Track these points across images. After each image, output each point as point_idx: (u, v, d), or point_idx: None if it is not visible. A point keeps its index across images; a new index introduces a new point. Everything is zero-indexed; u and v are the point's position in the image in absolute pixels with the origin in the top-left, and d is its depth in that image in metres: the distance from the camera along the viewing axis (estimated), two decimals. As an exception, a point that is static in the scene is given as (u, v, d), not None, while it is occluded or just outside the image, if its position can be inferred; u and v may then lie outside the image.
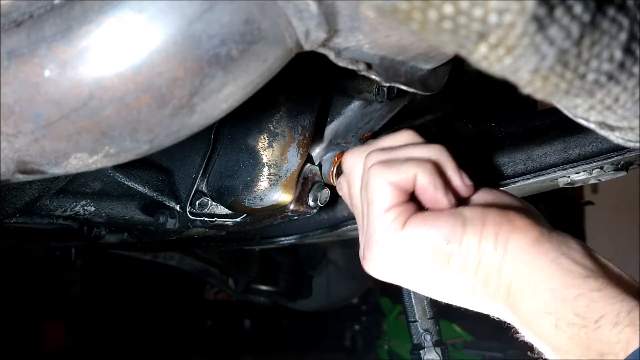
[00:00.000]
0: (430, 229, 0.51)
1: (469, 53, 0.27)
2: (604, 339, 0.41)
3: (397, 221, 0.52)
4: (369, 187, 0.54)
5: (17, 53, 0.37)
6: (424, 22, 0.25)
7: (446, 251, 0.50)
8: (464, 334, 2.90)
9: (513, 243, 0.48)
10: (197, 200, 0.78)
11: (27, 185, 0.68)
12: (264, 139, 0.72)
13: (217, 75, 0.39)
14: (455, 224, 0.50)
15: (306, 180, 0.78)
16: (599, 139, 0.74)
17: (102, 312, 3.61)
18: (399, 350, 3.05)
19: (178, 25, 0.36)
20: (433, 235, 0.50)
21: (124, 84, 0.37)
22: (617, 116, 0.32)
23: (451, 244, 0.50)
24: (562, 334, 0.44)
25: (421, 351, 0.82)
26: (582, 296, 0.43)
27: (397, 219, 0.52)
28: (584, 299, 0.43)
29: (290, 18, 0.38)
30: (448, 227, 0.50)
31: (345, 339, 3.41)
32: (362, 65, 0.47)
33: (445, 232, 0.50)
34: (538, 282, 0.46)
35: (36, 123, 0.39)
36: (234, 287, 1.87)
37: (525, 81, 0.29)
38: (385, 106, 0.79)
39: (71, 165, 0.42)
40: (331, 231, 1.04)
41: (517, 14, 0.24)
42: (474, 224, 0.50)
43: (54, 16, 0.37)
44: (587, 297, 0.43)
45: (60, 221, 0.81)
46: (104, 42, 0.36)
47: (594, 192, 3.35)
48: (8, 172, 0.43)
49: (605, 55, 0.27)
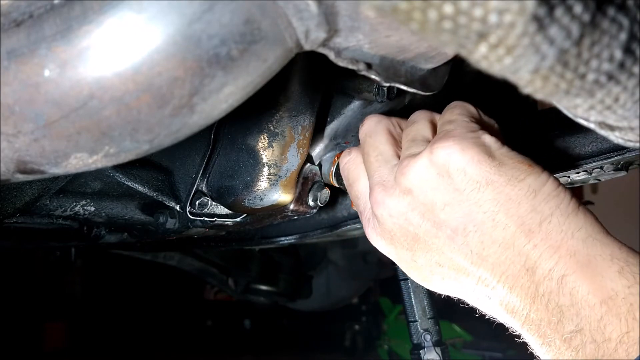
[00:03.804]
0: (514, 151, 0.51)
1: (469, 53, 0.27)
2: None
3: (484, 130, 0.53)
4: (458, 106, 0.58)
5: (17, 53, 0.37)
6: (424, 22, 0.25)
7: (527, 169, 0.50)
8: (463, 333, 2.90)
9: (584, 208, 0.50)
10: (197, 200, 0.78)
11: (27, 185, 0.67)
12: (264, 138, 0.72)
13: (217, 75, 0.39)
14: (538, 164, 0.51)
15: (306, 180, 0.78)
16: (598, 139, 0.74)
17: (102, 312, 3.61)
18: (399, 350, 3.05)
19: (178, 25, 0.36)
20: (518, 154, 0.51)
21: (124, 84, 0.37)
22: (617, 116, 0.32)
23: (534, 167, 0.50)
24: (622, 281, 0.44)
25: (421, 351, 0.82)
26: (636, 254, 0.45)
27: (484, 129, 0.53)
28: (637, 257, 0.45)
29: (291, 18, 0.38)
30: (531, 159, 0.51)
31: (345, 339, 3.41)
32: (362, 65, 0.46)
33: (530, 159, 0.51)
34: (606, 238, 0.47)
35: (36, 123, 0.39)
36: (233, 287, 1.88)
37: (525, 81, 0.29)
38: (385, 106, 0.79)
39: (71, 165, 0.42)
40: (331, 231, 1.04)
41: (517, 14, 0.24)
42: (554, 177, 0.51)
43: (54, 16, 0.37)
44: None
45: (60, 221, 0.81)
46: (104, 42, 0.36)
47: (593, 192, 3.36)
48: (8, 172, 0.43)
49: (605, 55, 0.27)
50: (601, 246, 0.46)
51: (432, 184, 0.50)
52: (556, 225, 0.47)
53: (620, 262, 0.44)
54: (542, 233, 0.46)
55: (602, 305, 0.43)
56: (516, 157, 0.50)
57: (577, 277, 0.45)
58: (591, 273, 0.44)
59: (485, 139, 0.51)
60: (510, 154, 0.50)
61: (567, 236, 0.46)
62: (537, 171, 0.49)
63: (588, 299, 0.44)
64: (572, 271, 0.45)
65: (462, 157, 0.49)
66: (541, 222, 0.47)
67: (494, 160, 0.49)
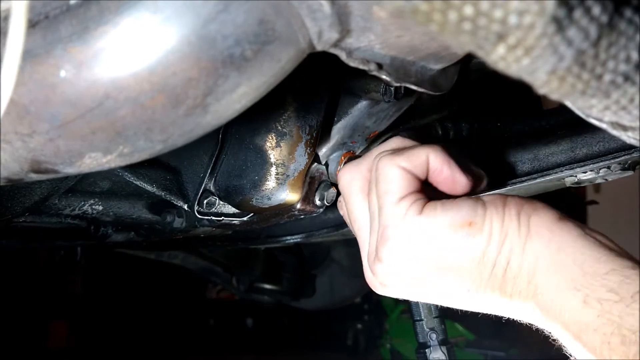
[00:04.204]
0: (449, 211, 0.49)
1: (486, 54, 0.28)
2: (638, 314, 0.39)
3: (414, 207, 0.50)
4: (381, 177, 0.52)
5: (33, 53, 0.37)
6: (444, 23, 0.25)
7: (469, 230, 0.48)
8: (466, 332, 2.90)
9: (536, 221, 0.47)
10: (204, 199, 0.78)
11: (37, 184, 0.68)
12: (272, 138, 0.72)
13: (231, 76, 0.39)
14: (476, 206, 0.49)
15: (313, 180, 0.78)
16: (606, 139, 0.74)
17: (105, 311, 3.61)
18: (401, 349, 3.05)
19: (193, 25, 0.36)
20: (454, 217, 0.48)
21: (139, 84, 0.37)
22: (632, 116, 0.32)
23: (473, 225, 0.48)
24: (590, 311, 0.42)
25: (427, 350, 0.82)
26: (614, 272, 0.42)
27: (413, 205, 0.50)
28: (617, 274, 0.42)
29: (304, 18, 0.38)
30: (469, 208, 0.49)
31: (348, 338, 3.41)
32: (373, 65, 0.47)
33: (467, 212, 0.48)
34: (565, 258, 0.44)
35: (51, 123, 0.39)
36: (237, 285, 1.88)
37: (541, 82, 0.29)
38: (392, 106, 0.79)
39: (85, 165, 0.43)
40: (336, 230, 1.04)
41: (537, 15, 0.24)
42: (495, 205, 0.49)
43: (70, 17, 0.37)
44: (620, 274, 0.41)
45: (68, 220, 0.82)
46: (120, 42, 0.36)
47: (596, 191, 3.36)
48: (22, 172, 0.44)
49: (622, 56, 0.28)
50: (562, 272, 0.44)
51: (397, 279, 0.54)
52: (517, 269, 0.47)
53: (583, 289, 0.43)
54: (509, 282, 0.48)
55: (576, 341, 0.43)
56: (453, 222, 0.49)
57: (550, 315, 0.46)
58: (559, 310, 0.44)
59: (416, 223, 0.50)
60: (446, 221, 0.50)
61: (530, 274, 0.46)
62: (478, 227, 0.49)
63: (564, 336, 0.45)
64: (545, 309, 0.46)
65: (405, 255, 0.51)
66: (504, 273, 0.48)
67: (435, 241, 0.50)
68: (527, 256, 0.46)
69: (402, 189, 0.51)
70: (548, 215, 0.48)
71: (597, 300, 0.42)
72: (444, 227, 0.49)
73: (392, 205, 0.51)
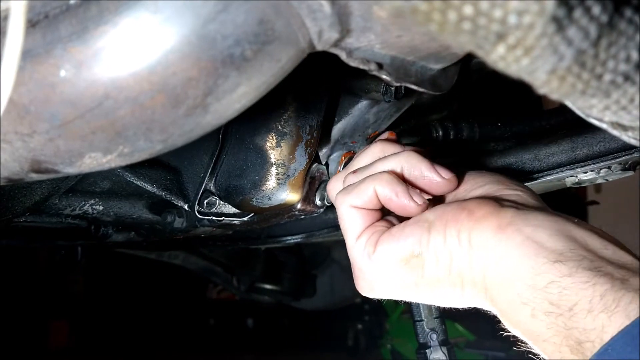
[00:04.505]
0: (397, 244, 0.51)
1: (486, 54, 0.28)
2: (580, 327, 0.40)
3: (369, 245, 0.53)
4: (339, 217, 0.56)
5: (32, 53, 0.37)
6: (444, 23, 0.25)
7: (418, 261, 0.50)
8: (466, 333, 2.90)
9: (476, 235, 0.48)
10: (205, 199, 0.78)
11: (37, 184, 0.68)
12: (272, 138, 0.72)
13: (231, 76, 0.39)
14: (422, 232, 0.51)
15: (313, 180, 0.78)
16: (606, 139, 0.74)
17: (105, 311, 3.62)
18: (402, 349, 3.05)
19: (193, 25, 0.36)
20: (401, 250, 0.51)
21: (139, 84, 0.37)
22: (632, 116, 0.32)
23: (421, 253, 0.50)
24: (540, 323, 0.43)
25: (427, 350, 0.82)
26: (553, 284, 0.42)
27: (368, 243, 0.53)
28: (555, 286, 0.42)
29: (304, 18, 0.38)
30: (415, 236, 0.51)
31: (348, 338, 3.41)
32: (373, 65, 0.47)
33: (412, 242, 0.51)
34: (507, 272, 0.45)
35: (51, 123, 0.39)
36: (238, 285, 1.88)
37: (541, 82, 0.29)
38: (392, 105, 0.79)
39: (85, 165, 0.43)
40: (337, 230, 1.04)
41: (536, 15, 0.24)
42: (436, 226, 0.50)
43: (70, 16, 0.37)
44: (558, 285, 0.42)
45: (68, 220, 0.82)
46: (120, 42, 0.36)
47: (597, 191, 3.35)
48: (22, 172, 0.44)
49: (622, 56, 0.28)
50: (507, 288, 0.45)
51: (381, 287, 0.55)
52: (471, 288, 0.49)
53: (530, 303, 0.44)
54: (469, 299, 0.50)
55: (539, 347, 0.45)
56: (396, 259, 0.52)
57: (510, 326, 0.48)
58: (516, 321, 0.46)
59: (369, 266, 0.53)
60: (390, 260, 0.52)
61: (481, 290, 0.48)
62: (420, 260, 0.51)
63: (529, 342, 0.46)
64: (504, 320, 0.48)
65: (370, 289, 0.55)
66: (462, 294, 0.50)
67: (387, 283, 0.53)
68: (474, 271, 0.48)
69: (357, 227, 0.55)
70: (487, 226, 0.48)
71: (543, 313, 0.43)
72: (394, 263, 0.52)
73: (353, 243, 0.55)
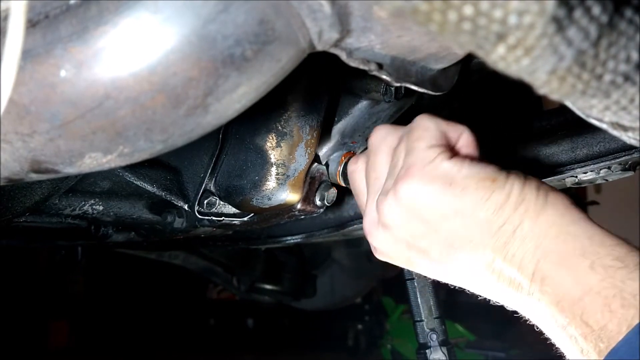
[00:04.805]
0: (476, 165, 0.51)
1: (486, 54, 0.28)
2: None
3: (444, 154, 0.52)
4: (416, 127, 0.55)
5: (33, 53, 0.37)
6: (444, 23, 0.25)
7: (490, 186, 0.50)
8: (466, 333, 2.90)
9: (552, 197, 0.50)
10: (205, 199, 0.78)
11: (37, 184, 0.68)
12: (272, 138, 0.72)
13: (231, 76, 0.39)
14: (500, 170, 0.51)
15: (313, 180, 0.78)
16: (606, 139, 0.74)
17: (105, 311, 3.62)
18: (402, 349, 3.05)
19: (193, 25, 0.36)
20: (479, 171, 0.51)
21: (139, 84, 0.37)
22: (632, 117, 0.32)
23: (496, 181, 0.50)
24: (595, 276, 0.45)
25: (427, 350, 0.82)
26: (621, 245, 0.46)
27: (443, 153, 0.52)
28: (624, 247, 0.46)
29: (304, 19, 0.38)
30: (495, 168, 0.51)
31: (348, 339, 3.41)
32: (373, 65, 0.47)
33: (492, 170, 0.51)
34: (577, 229, 0.48)
35: (52, 123, 0.39)
36: (238, 286, 1.88)
37: (541, 82, 0.29)
38: (392, 106, 0.79)
39: (85, 165, 0.43)
40: (337, 230, 1.04)
41: (537, 15, 0.24)
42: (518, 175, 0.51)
43: (70, 17, 0.37)
44: (627, 247, 0.46)
45: (68, 220, 0.82)
46: (120, 42, 0.36)
47: (597, 192, 3.35)
48: (22, 172, 0.44)
49: (622, 56, 0.28)
50: (573, 241, 0.47)
51: (404, 220, 0.54)
52: (529, 231, 0.49)
53: (591, 256, 0.46)
54: (517, 241, 0.49)
55: (579, 302, 0.45)
56: (478, 175, 0.51)
57: (554, 278, 0.47)
58: (565, 272, 0.47)
59: (444, 167, 0.52)
60: (472, 173, 0.51)
61: (540, 237, 0.48)
62: (500, 184, 0.50)
63: (568, 297, 0.46)
64: (549, 272, 0.47)
65: (424, 193, 0.52)
66: (514, 231, 0.49)
67: (456, 187, 0.51)
68: (540, 222, 0.49)
69: (435, 138, 0.53)
70: (563, 197, 0.51)
71: (602, 266, 0.45)
72: (467, 178, 0.51)
73: (423, 150, 0.53)
